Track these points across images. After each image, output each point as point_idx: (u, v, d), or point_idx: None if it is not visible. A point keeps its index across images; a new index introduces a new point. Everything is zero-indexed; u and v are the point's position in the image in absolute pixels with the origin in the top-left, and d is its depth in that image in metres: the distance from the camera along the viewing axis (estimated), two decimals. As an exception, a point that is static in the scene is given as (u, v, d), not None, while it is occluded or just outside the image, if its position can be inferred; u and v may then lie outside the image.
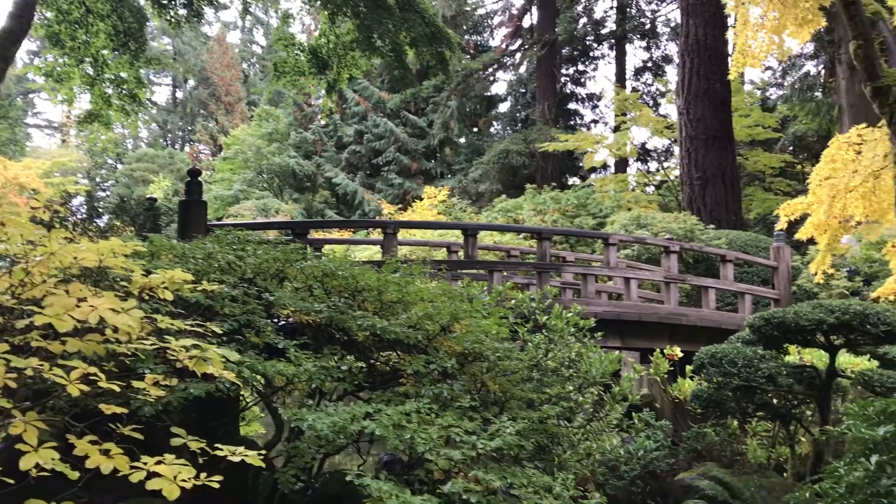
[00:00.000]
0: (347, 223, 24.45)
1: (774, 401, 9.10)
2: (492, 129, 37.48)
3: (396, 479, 4.18)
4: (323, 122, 37.37)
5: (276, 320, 5.53)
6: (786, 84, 29.46)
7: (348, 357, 5.63)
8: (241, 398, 6.19)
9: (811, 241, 10.94)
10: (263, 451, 3.12)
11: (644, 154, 33.13)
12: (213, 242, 5.73)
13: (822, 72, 27.01)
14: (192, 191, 9.42)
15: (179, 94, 57.92)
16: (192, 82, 54.67)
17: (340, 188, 33.53)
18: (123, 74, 14.57)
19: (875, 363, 9.69)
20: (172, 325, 3.47)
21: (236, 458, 2.96)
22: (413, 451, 4.26)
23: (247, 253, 5.52)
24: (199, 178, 9.64)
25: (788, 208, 9.41)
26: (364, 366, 5.92)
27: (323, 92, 16.26)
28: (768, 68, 32.04)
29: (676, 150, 23.81)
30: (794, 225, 9.84)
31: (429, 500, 3.85)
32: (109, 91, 14.47)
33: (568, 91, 35.32)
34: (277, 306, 5.14)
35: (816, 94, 25.45)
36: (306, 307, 5.01)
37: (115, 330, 3.15)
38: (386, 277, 5.50)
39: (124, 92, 14.60)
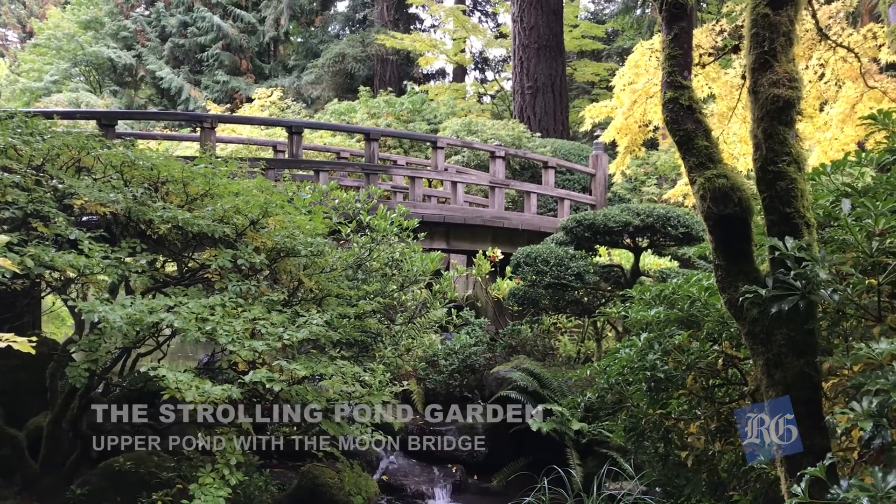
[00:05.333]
0: (159, 114, 22.85)
1: (585, 298, 9.67)
2: (329, 29, 36.16)
3: (197, 372, 4.10)
4: (145, 11, 34.43)
5: (77, 215, 5.16)
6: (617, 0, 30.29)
7: (157, 255, 5.38)
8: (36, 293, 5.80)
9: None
10: (34, 339, 2.90)
11: (482, 63, 33.30)
12: (-6, 126, 5.18)
13: (654, -13, 27.90)
14: (-20, 73, 8.46)
15: (-23, -29, 51.14)
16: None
17: (165, 83, 31.28)
18: None
19: (676, 264, 10.51)
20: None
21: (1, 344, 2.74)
22: (216, 342, 4.16)
23: (34, 138, 5.05)
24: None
25: (594, 111, 9.80)
26: (173, 262, 5.68)
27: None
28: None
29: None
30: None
31: (228, 390, 3.80)
32: None
33: (408, -7, 34.55)
34: (69, 196, 4.77)
35: (646, 11, 26.37)
36: (101, 197, 4.68)
37: None
38: (191, 169, 5.23)
39: None
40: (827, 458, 2.17)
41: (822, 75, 9.30)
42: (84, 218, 5.60)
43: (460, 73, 32.19)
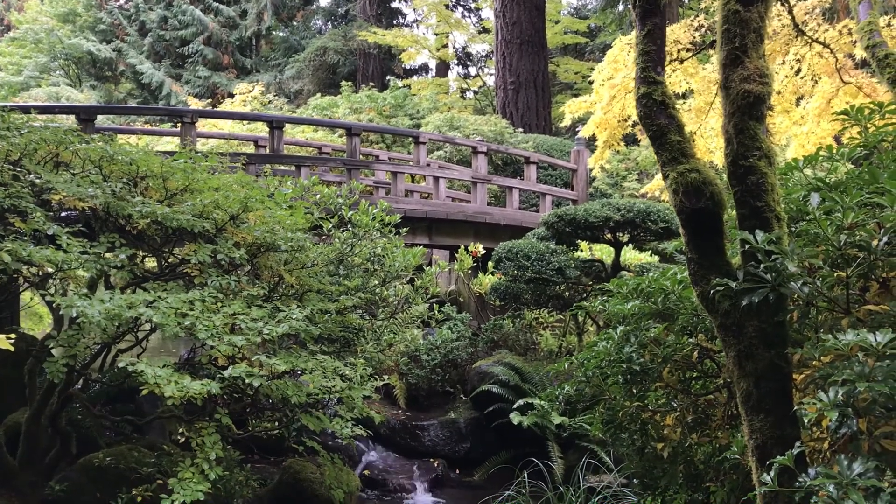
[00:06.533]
0: (139, 109, 22.67)
1: (566, 293, 9.73)
2: (311, 24, 36.03)
3: (177, 367, 4.09)
4: (126, 5, 34.06)
5: (55, 210, 5.13)
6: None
7: (137, 250, 5.36)
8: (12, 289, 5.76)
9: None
10: (13, 336, 2.89)
11: (465, 58, 33.30)
12: (-31, 121, 5.14)
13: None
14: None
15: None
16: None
17: (145, 77, 31.00)
18: None
19: (656, 258, 10.59)
20: None
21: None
22: (195, 337, 4.16)
23: (11, 133, 5.01)
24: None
25: (573, 106, 9.84)
26: (153, 257, 5.66)
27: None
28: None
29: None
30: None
31: (208, 385, 3.80)
32: None
33: (391, -13, 34.48)
34: (47, 191, 4.74)
35: (628, 6, 26.44)
36: (80, 192, 4.66)
37: None
38: (170, 164, 5.20)
39: None
40: (795, 448, 2.21)
41: (799, 70, 9.40)
42: (62, 213, 5.56)
43: (443, 68, 32.17)
